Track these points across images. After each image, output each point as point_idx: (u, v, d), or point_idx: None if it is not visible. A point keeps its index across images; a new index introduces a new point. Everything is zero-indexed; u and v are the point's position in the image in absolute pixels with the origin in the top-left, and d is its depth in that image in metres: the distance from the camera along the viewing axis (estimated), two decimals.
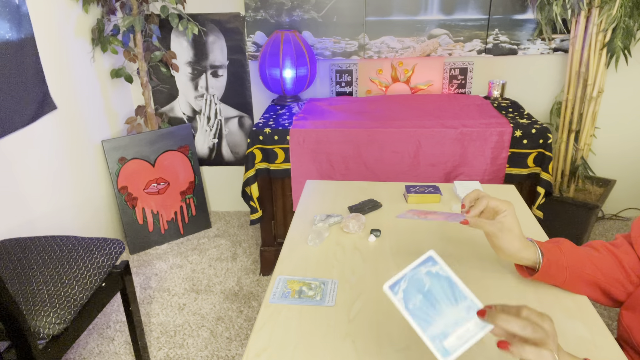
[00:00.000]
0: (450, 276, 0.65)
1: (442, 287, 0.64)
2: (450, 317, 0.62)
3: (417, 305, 0.63)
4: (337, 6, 2.47)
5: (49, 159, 2.09)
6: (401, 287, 0.65)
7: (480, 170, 2.10)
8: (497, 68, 2.57)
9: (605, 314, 2.08)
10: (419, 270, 0.66)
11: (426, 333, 0.62)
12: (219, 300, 2.22)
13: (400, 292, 0.64)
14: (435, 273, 0.65)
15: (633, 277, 0.94)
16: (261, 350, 0.84)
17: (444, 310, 0.63)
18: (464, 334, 0.62)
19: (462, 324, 0.62)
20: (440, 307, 0.63)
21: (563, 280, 0.93)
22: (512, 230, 0.90)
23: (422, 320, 0.62)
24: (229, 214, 3.02)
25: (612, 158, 2.71)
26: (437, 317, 0.62)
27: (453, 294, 0.64)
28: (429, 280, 0.65)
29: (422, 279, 0.65)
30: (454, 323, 0.62)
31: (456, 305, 0.63)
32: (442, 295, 0.64)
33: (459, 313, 0.63)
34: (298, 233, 1.21)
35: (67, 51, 2.19)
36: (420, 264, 0.66)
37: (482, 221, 0.92)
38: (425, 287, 0.64)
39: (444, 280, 0.65)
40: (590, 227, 2.39)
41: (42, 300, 1.35)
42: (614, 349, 0.82)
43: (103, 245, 1.62)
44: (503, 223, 0.90)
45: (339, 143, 2.11)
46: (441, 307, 0.63)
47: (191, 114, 2.83)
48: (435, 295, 0.64)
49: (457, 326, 0.62)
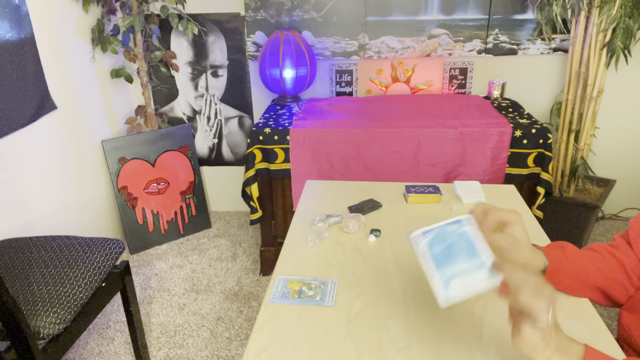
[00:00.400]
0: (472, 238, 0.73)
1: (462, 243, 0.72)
2: (462, 267, 0.70)
3: (437, 252, 0.72)
4: (337, 6, 2.48)
5: (49, 159, 2.09)
6: (431, 234, 0.73)
7: (480, 170, 2.10)
8: (497, 68, 2.57)
9: (605, 314, 2.08)
10: (447, 228, 0.74)
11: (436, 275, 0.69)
12: (219, 300, 2.22)
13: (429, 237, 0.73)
14: (462, 232, 0.74)
15: (634, 279, 0.94)
16: (261, 350, 0.84)
17: (459, 261, 0.71)
18: (468, 284, 0.69)
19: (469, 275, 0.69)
20: (457, 258, 0.71)
21: (567, 285, 0.93)
22: (523, 242, 0.87)
23: (437, 264, 0.70)
24: (229, 214, 3.02)
25: (612, 158, 2.71)
26: (451, 265, 0.70)
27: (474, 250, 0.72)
28: (454, 236, 0.73)
29: (448, 236, 0.73)
30: (463, 272, 0.70)
31: (471, 260, 0.71)
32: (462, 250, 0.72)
33: (471, 265, 0.70)
34: (298, 233, 1.21)
35: (67, 51, 2.19)
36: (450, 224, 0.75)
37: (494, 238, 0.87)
38: (448, 239, 0.73)
39: (466, 239, 0.73)
40: (590, 227, 2.39)
41: (42, 300, 1.35)
42: (614, 349, 0.82)
43: (103, 245, 1.62)
44: (515, 237, 0.86)
45: (339, 143, 2.11)
46: (458, 258, 0.71)
47: (191, 114, 2.83)
48: (454, 248, 0.72)
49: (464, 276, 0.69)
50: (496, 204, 1.33)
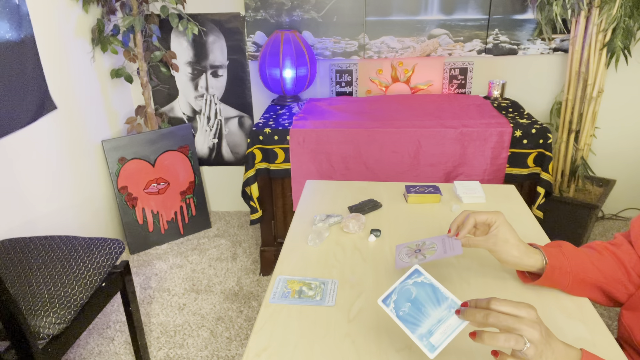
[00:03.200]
0: (433, 282, 0.74)
1: (426, 292, 0.74)
2: (435, 317, 0.71)
3: (406, 312, 0.73)
4: (337, 6, 2.48)
5: (49, 159, 2.09)
6: (392, 299, 0.74)
7: (480, 170, 2.10)
8: (497, 68, 2.57)
9: (605, 314, 2.08)
10: (406, 283, 0.75)
11: (415, 334, 0.70)
12: (219, 300, 2.22)
13: (392, 303, 0.74)
14: (421, 282, 0.75)
15: (634, 278, 0.94)
16: (261, 350, 0.84)
17: (429, 312, 0.72)
18: (447, 329, 0.70)
19: (444, 321, 0.71)
20: (426, 310, 0.72)
21: (566, 284, 0.93)
22: (508, 240, 0.89)
23: (411, 323, 0.71)
24: (229, 214, 3.02)
25: (612, 158, 2.71)
26: (424, 319, 0.71)
27: (436, 297, 0.73)
28: (415, 290, 0.74)
29: (409, 289, 0.74)
30: (438, 321, 0.71)
31: (439, 306, 0.72)
32: (427, 300, 0.73)
33: (442, 312, 0.71)
34: (298, 233, 1.21)
35: (67, 51, 2.19)
36: (407, 277, 0.76)
37: (475, 239, 0.92)
38: (412, 295, 0.74)
39: (428, 287, 0.74)
40: (590, 227, 2.39)
41: (42, 300, 1.35)
42: (614, 349, 0.82)
43: (103, 245, 1.62)
44: (497, 236, 0.90)
45: (339, 143, 2.11)
46: (427, 310, 0.72)
47: (191, 114, 2.83)
48: (421, 301, 0.73)
49: (440, 324, 0.71)
50: (496, 204, 1.34)
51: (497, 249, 0.90)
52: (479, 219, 0.92)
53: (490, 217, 0.91)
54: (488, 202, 1.36)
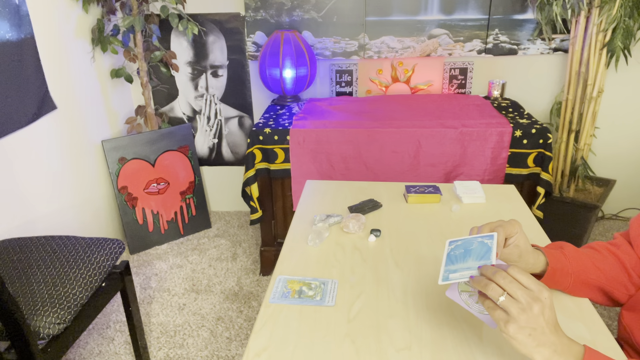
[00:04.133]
0: (493, 249, 0.79)
1: (480, 250, 0.80)
2: (468, 265, 0.78)
3: (455, 254, 0.81)
4: (337, 6, 2.47)
5: (49, 159, 2.09)
6: (457, 244, 0.83)
7: (480, 170, 2.10)
8: (497, 68, 2.57)
9: (605, 314, 2.08)
10: (476, 239, 0.82)
11: (446, 266, 0.80)
12: (219, 300, 2.22)
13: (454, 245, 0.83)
14: (485, 243, 0.81)
15: (635, 278, 0.94)
16: (261, 350, 0.84)
17: (469, 261, 0.79)
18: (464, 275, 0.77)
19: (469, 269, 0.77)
20: (468, 259, 0.79)
21: (567, 285, 0.93)
22: (528, 250, 0.87)
23: (450, 261, 0.81)
24: (229, 214, 3.02)
25: (612, 158, 2.71)
26: (460, 263, 0.79)
27: (483, 256, 0.79)
28: (476, 245, 0.81)
29: (473, 242, 0.82)
30: (467, 269, 0.78)
31: (478, 261, 0.78)
32: (476, 254, 0.80)
33: (475, 264, 0.78)
34: (298, 233, 1.21)
35: (67, 51, 2.19)
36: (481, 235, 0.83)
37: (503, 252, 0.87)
38: (471, 247, 0.81)
39: (486, 247, 0.80)
40: (590, 227, 2.39)
41: (42, 300, 1.35)
42: (614, 349, 0.82)
43: (103, 245, 1.62)
44: (519, 247, 0.86)
45: (339, 143, 2.11)
46: (468, 259, 0.79)
47: (191, 114, 2.83)
48: (472, 253, 0.80)
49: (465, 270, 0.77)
50: (496, 204, 1.34)
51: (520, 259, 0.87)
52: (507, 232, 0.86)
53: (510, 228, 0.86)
54: (488, 202, 1.36)
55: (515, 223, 0.86)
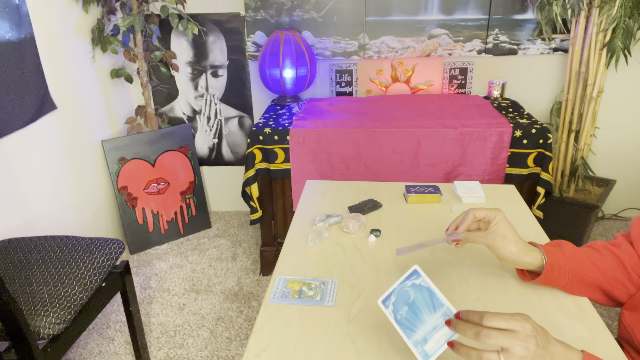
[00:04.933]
0: (430, 287, 0.74)
1: (423, 297, 0.73)
2: (430, 324, 0.72)
3: (403, 315, 0.73)
4: (337, 6, 2.48)
5: (49, 159, 2.09)
6: (391, 301, 0.75)
7: (480, 170, 2.10)
8: (497, 68, 2.57)
9: (605, 314, 2.08)
10: (405, 284, 0.75)
11: (410, 339, 0.71)
12: (219, 300, 2.22)
13: (390, 305, 0.74)
14: (419, 285, 0.74)
15: (634, 278, 0.94)
16: (261, 350, 0.84)
17: (425, 318, 0.72)
18: (440, 338, 0.70)
19: (439, 329, 0.71)
20: (422, 316, 0.72)
21: (565, 283, 0.93)
22: (507, 237, 0.90)
23: (407, 328, 0.72)
24: (229, 214, 3.02)
25: (612, 158, 2.71)
26: (420, 325, 0.72)
27: (432, 302, 0.73)
28: (413, 292, 0.74)
29: (407, 292, 0.74)
30: (433, 329, 0.71)
31: (434, 313, 0.72)
32: (424, 305, 0.73)
33: (437, 320, 0.72)
34: (298, 233, 1.21)
35: (67, 51, 2.19)
36: (406, 278, 0.75)
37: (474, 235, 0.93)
38: (410, 298, 0.74)
39: (425, 290, 0.74)
40: (590, 227, 2.39)
41: (42, 300, 1.35)
42: (614, 349, 0.82)
43: (103, 245, 1.62)
44: (495, 232, 0.90)
45: (339, 143, 2.11)
46: (422, 316, 0.72)
47: (191, 114, 2.83)
48: (418, 305, 0.73)
49: (435, 331, 0.71)
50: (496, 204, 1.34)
51: (495, 244, 0.90)
52: (479, 214, 0.93)
53: (489, 213, 0.92)
54: (488, 202, 1.36)
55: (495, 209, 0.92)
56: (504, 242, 0.90)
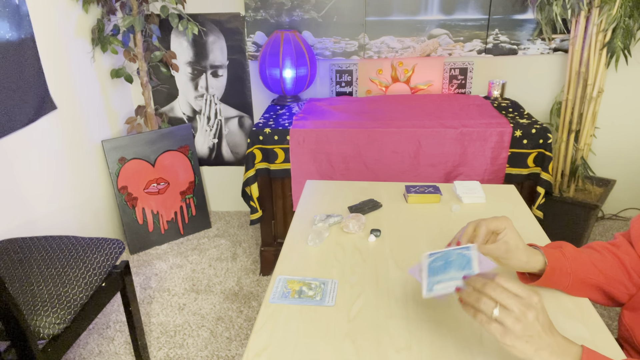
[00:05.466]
0: (473, 259, 0.79)
1: (461, 262, 0.79)
2: (450, 275, 0.78)
3: (436, 265, 0.80)
4: (337, 6, 2.47)
5: (49, 159, 2.09)
6: (436, 256, 0.81)
7: (480, 170, 2.10)
8: (497, 68, 2.57)
9: (605, 314, 2.08)
10: (455, 251, 0.81)
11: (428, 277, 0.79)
12: (219, 300, 2.22)
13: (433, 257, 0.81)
14: (463, 254, 0.80)
15: (635, 278, 0.94)
16: (261, 350, 0.84)
17: (450, 272, 0.78)
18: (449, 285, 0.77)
19: (454, 280, 0.77)
20: (450, 270, 0.79)
21: (566, 285, 0.93)
22: (518, 246, 0.88)
23: (432, 272, 0.79)
24: (229, 214, 3.02)
25: (612, 158, 2.71)
26: (442, 274, 0.79)
27: (465, 266, 0.78)
28: (455, 256, 0.80)
29: (451, 255, 0.80)
30: (450, 279, 0.77)
31: (461, 271, 0.78)
32: (457, 265, 0.79)
33: (458, 274, 0.77)
34: (298, 233, 1.21)
35: (67, 51, 2.19)
36: (460, 248, 0.81)
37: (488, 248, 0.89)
38: (450, 259, 0.80)
39: (466, 259, 0.79)
40: (590, 227, 2.39)
41: (42, 300, 1.35)
42: (614, 349, 0.82)
43: (103, 245, 1.62)
44: (508, 243, 0.88)
45: (339, 143, 2.11)
46: (450, 270, 0.79)
47: (191, 114, 2.83)
48: (452, 265, 0.79)
49: (449, 281, 0.77)
50: (496, 204, 1.34)
51: (508, 256, 0.88)
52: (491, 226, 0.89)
53: (498, 223, 0.89)
54: (488, 202, 1.36)
55: (504, 219, 0.89)
56: (517, 253, 0.88)
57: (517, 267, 0.90)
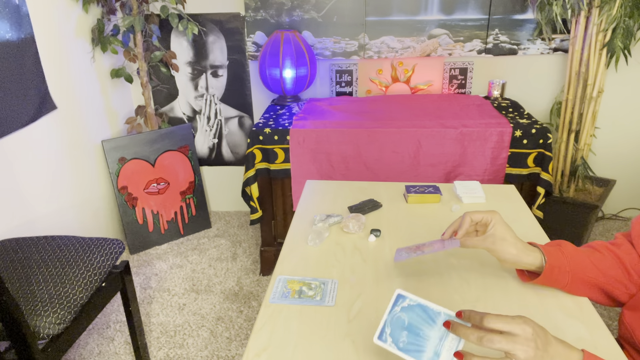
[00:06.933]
0: (420, 302, 0.73)
1: (417, 315, 0.72)
2: (435, 336, 0.70)
3: (405, 341, 0.70)
4: (337, 6, 2.47)
5: (49, 159, 2.09)
6: (387, 333, 0.71)
7: (480, 170, 2.10)
8: (497, 68, 2.57)
9: (605, 314, 2.08)
10: (394, 311, 0.73)
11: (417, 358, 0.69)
12: (219, 300, 2.22)
13: (388, 337, 0.71)
14: (408, 306, 0.73)
15: (635, 277, 0.94)
16: (261, 350, 0.84)
17: (428, 333, 0.70)
18: (451, 344, 0.69)
19: (446, 338, 0.70)
20: (424, 333, 0.70)
21: (565, 283, 0.93)
22: (506, 239, 0.90)
23: (415, 352, 0.69)
24: (229, 214, 3.02)
25: (612, 158, 2.71)
26: (426, 343, 0.70)
27: (428, 315, 0.72)
28: (405, 316, 0.72)
29: (400, 317, 0.72)
30: (440, 339, 0.70)
31: (435, 325, 0.71)
32: (421, 322, 0.71)
33: (440, 330, 0.70)
34: (298, 233, 1.21)
35: (67, 51, 2.19)
36: (393, 305, 0.73)
37: (473, 240, 0.92)
38: (405, 322, 0.72)
39: (416, 308, 0.72)
40: (590, 227, 2.39)
41: (42, 300, 1.35)
42: (614, 349, 0.82)
43: (103, 245, 1.62)
44: (494, 235, 0.90)
45: (339, 143, 2.11)
46: (424, 333, 0.70)
47: (191, 114, 2.83)
48: (416, 325, 0.71)
49: (443, 341, 0.69)
50: (496, 204, 1.34)
51: (495, 247, 0.90)
52: (475, 217, 0.92)
53: (486, 216, 0.92)
54: (488, 202, 1.36)
55: (491, 212, 0.91)
56: (504, 245, 0.90)
57: (508, 261, 0.91)
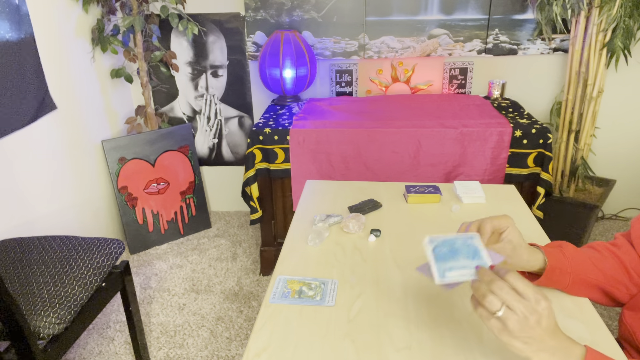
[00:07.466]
0: (479, 247, 0.78)
1: (468, 249, 0.77)
2: (461, 263, 0.76)
3: (441, 252, 0.77)
4: (337, 6, 2.47)
5: (49, 159, 2.09)
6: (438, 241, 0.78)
7: (480, 170, 2.10)
8: (497, 68, 2.57)
9: (605, 314, 2.08)
10: (458, 238, 0.79)
11: (437, 263, 0.76)
12: (219, 300, 2.22)
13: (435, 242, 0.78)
14: (470, 243, 0.78)
15: (635, 278, 0.94)
16: (261, 350, 0.84)
17: (460, 259, 0.76)
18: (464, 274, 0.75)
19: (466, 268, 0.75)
20: (458, 257, 0.76)
21: (566, 284, 0.92)
22: (521, 245, 0.88)
23: (439, 258, 0.76)
24: (229, 214, 3.02)
25: (612, 158, 2.71)
26: (452, 260, 0.76)
27: (473, 254, 0.77)
28: (461, 244, 0.78)
29: (455, 242, 0.79)
30: (462, 267, 0.75)
31: (471, 260, 0.76)
32: (465, 252, 0.77)
33: (469, 263, 0.76)
34: (298, 233, 1.21)
35: (67, 51, 2.19)
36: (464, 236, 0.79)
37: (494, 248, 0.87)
38: (455, 245, 0.78)
39: (472, 247, 0.78)
40: (590, 227, 2.39)
41: (42, 300, 1.35)
42: (614, 349, 0.82)
43: (103, 245, 1.62)
44: (512, 241, 0.86)
45: (339, 143, 2.11)
46: (458, 257, 0.76)
47: (191, 114, 2.83)
48: (459, 251, 0.77)
49: (461, 269, 0.75)
50: (496, 204, 1.33)
51: (513, 254, 0.87)
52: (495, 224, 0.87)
53: (501, 222, 0.87)
54: (488, 202, 1.36)
55: (506, 217, 0.88)
56: (520, 251, 0.87)
57: (519, 266, 0.90)
